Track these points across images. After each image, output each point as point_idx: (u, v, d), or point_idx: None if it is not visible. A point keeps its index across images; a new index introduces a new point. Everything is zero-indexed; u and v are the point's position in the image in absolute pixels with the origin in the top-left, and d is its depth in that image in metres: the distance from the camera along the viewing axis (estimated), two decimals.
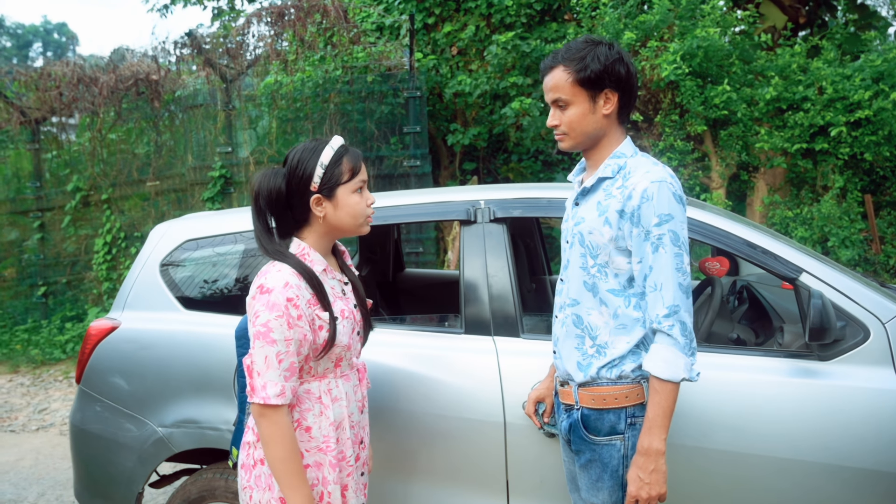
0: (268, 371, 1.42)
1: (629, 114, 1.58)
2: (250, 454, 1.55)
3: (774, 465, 1.72)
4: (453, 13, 6.52)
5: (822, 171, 4.96)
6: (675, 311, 1.43)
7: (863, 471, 1.69)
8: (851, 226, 4.72)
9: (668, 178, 1.48)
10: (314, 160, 1.50)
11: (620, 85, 1.51)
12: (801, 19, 6.57)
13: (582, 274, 1.58)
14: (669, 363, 1.42)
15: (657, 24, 5.18)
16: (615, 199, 1.51)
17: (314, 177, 1.50)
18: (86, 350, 2.40)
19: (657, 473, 1.43)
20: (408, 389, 1.97)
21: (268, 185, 1.51)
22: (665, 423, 1.43)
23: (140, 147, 6.47)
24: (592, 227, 1.54)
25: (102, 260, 6.33)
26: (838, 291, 1.77)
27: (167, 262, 2.41)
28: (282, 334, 1.42)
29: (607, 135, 1.55)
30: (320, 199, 1.52)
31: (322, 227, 1.55)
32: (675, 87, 5.09)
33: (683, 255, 1.47)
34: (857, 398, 1.72)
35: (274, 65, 5.95)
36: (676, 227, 1.46)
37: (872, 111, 4.61)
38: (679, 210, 1.47)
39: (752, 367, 1.81)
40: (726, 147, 5.16)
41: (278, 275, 1.45)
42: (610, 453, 1.54)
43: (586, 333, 1.56)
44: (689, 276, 1.47)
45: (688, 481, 1.76)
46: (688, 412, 1.76)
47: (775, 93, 4.82)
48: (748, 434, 1.74)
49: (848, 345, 1.76)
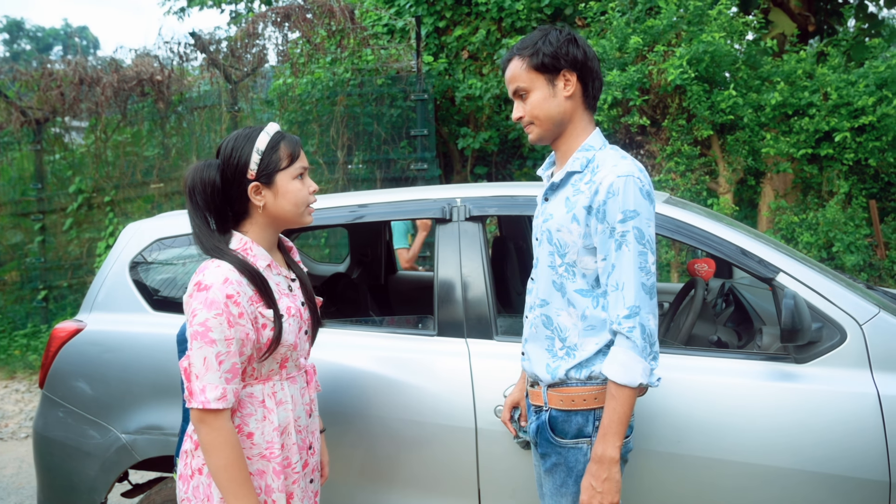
0: (207, 373, 1.35)
1: (595, 99, 1.56)
2: (188, 464, 1.49)
3: (749, 470, 1.77)
4: (464, 17, 6.64)
5: (827, 176, 5.01)
6: (635, 313, 1.41)
7: (839, 477, 1.73)
8: (857, 231, 4.76)
9: (635, 172, 1.47)
10: (249, 146, 1.46)
11: (577, 65, 1.51)
12: (810, 27, 6.60)
13: (550, 273, 1.57)
14: (627, 367, 1.40)
15: (665, 30, 5.28)
16: (583, 194, 1.50)
17: (250, 163, 1.45)
18: (49, 353, 2.37)
19: (610, 482, 1.42)
20: (378, 394, 1.99)
21: (202, 178, 1.44)
22: (620, 431, 1.42)
23: (149, 150, 6.53)
24: (560, 224, 1.53)
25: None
26: (815, 292, 1.82)
27: (136, 262, 2.40)
28: (221, 334, 1.35)
29: (573, 121, 1.54)
30: (259, 188, 1.47)
31: (263, 218, 1.49)
32: (682, 91, 5.17)
33: (648, 254, 1.45)
34: (833, 402, 1.75)
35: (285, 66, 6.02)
36: (642, 224, 1.44)
37: (876, 117, 4.68)
38: (646, 206, 1.45)
39: (730, 371, 1.85)
40: (733, 152, 5.22)
41: (217, 270, 1.39)
42: (576, 457, 1.53)
43: (556, 335, 1.56)
44: (653, 276, 1.45)
45: (664, 487, 1.83)
46: (664, 417, 1.83)
47: (781, 98, 4.90)
48: (722, 439, 1.78)
49: (824, 347, 1.80)
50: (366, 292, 3.15)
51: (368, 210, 2.27)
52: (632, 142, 5.83)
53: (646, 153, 5.73)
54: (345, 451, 2.02)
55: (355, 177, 5.96)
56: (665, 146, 5.47)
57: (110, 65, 5.89)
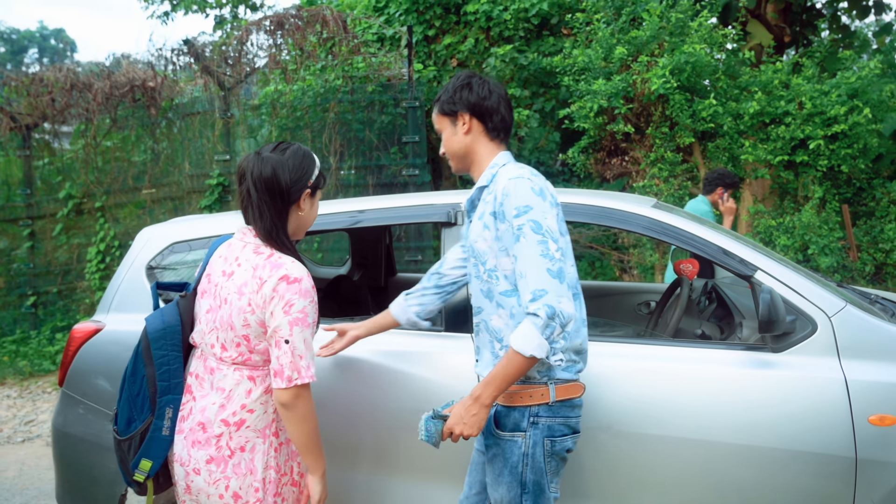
0: (307, 353, 1.60)
1: (500, 130, 1.78)
2: (223, 445, 1.65)
3: (730, 450, 1.94)
4: (453, 26, 6.85)
5: (802, 182, 5.28)
6: (540, 295, 1.54)
7: (812, 454, 1.92)
8: (830, 234, 5.03)
9: (526, 174, 1.67)
10: (311, 159, 1.70)
11: (470, 106, 1.75)
12: (786, 38, 6.91)
13: (478, 283, 1.77)
14: (524, 338, 1.54)
15: (648, 40, 5.51)
16: (489, 203, 1.71)
17: (313, 173, 1.69)
18: (69, 352, 2.47)
19: (476, 419, 1.62)
20: (389, 386, 2.14)
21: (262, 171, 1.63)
22: (502, 385, 1.60)
23: (137, 155, 6.60)
24: (476, 235, 1.74)
25: (95, 269, 6.50)
26: (789, 287, 2.02)
27: (153, 265, 2.52)
28: (313, 318, 1.61)
29: (477, 151, 1.79)
30: (309, 195, 1.69)
31: (292, 225, 1.70)
32: (665, 100, 5.40)
33: (549, 242, 1.59)
34: (806, 387, 1.95)
35: (275, 73, 6.15)
36: (536, 216, 1.60)
37: (848, 126, 4.95)
38: (538, 201, 1.62)
39: (713, 360, 2.04)
40: (714, 158, 5.47)
41: (297, 265, 1.62)
42: (511, 449, 1.68)
43: (493, 337, 1.74)
44: (559, 262, 1.59)
45: (655, 466, 1.99)
46: (654, 402, 2.00)
47: (759, 107, 5.15)
48: (707, 422, 1.96)
49: (798, 337, 1.99)
50: (367, 293, 3.31)
51: (376, 215, 2.43)
52: (617, 148, 6.07)
53: (630, 159, 5.97)
54: (357, 440, 2.18)
55: (347, 182, 6.11)
56: (649, 153, 5.72)
57: (102, 71, 5.96)
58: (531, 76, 6.60)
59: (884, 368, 1.95)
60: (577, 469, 2.03)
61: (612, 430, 2.01)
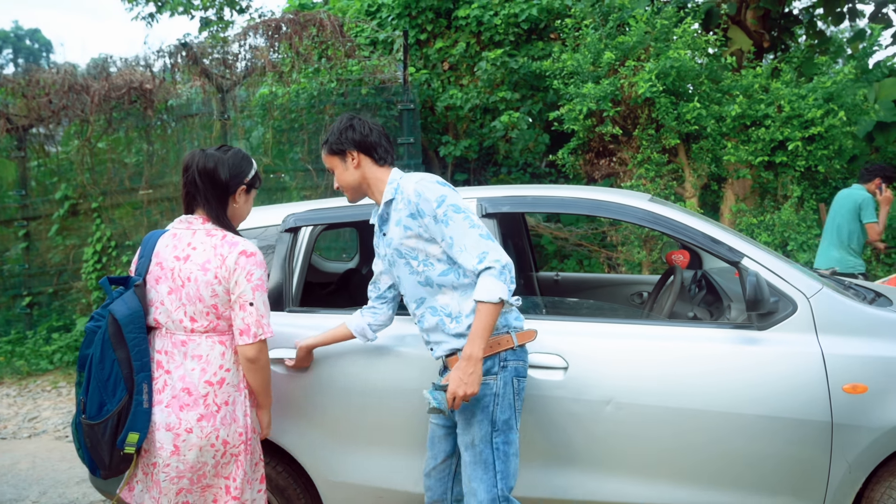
0: (267, 313, 1.96)
1: (384, 157, 2.09)
2: (210, 403, 1.94)
3: (721, 419, 2.17)
4: (444, 30, 7.06)
5: (781, 181, 5.57)
6: (484, 255, 1.89)
7: (793, 419, 2.16)
8: (808, 231, 5.32)
9: (426, 176, 2.01)
10: (248, 161, 2.05)
11: (356, 144, 2.06)
12: (765, 43, 7.24)
13: (414, 278, 2.04)
14: (489, 289, 1.87)
15: (634, 46, 5.78)
16: (403, 210, 2.00)
17: (249, 173, 2.03)
18: None
19: (474, 376, 1.89)
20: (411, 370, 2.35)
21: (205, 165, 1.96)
22: (485, 336, 1.89)
23: (131, 156, 6.70)
24: (400, 238, 2.02)
25: (92, 269, 6.57)
26: (772, 272, 2.26)
27: None
28: (268, 285, 1.96)
29: (369, 178, 2.08)
30: (244, 191, 2.03)
31: (228, 215, 2.02)
32: (651, 103, 5.67)
33: (470, 216, 1.94)
34: (787, 360, 2.19)
35: (268, 76, 6.31)
36: (453, 200, 1.95)
37: (824, 128, 5.25)
38: (448, 190, 1.97)
39: (705, 338, 2.27)
40: (698, 159, 5.74)
41: (248, 242, 1.97)
42: (484, 391, 1.96)
43: (442, 315, 2.01)
44: (483, 228, 1.94)
45: (653, 435, 2.21)
46: (651, 377, 2.23)
47: (740, 110, 5.43)
48: (699, 393, 2.19)
49: (780, 316, 2.23)
50: None
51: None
52: (605, 149, 6.34)
53: (618, 160, 6.24)
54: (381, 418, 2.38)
55: None
56: (636, 154, 5.99)
57: (100, 73, 6.07)
58: (521, 79, 6.84)
59: (856, 343, 2.20)
60: (583, 438, 2.25)
61: (614, 402, 2.23)
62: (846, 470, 2.15)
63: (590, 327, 2.36)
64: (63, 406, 5.23)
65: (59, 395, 5.44)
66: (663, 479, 2.23)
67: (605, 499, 2.26)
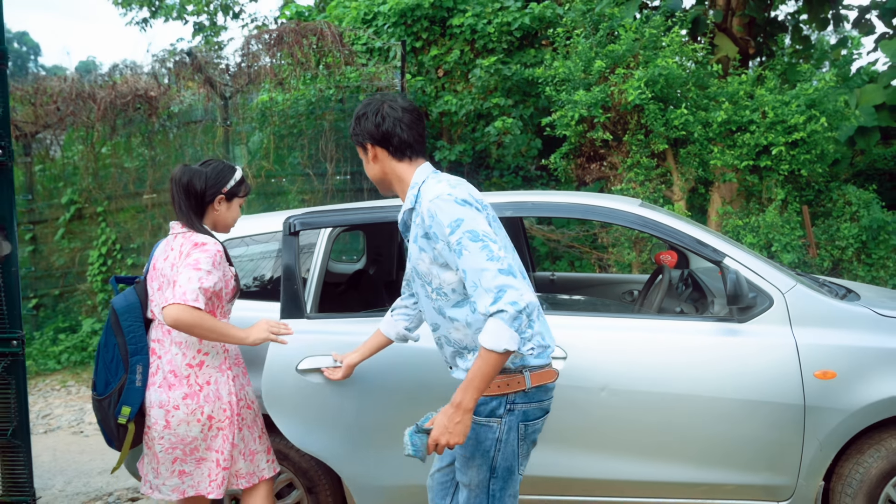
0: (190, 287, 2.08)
1: (403, 149, 1.84)
2: (193, 383, 2.18)
3: (705, 402, 2.41)
4: (439, 38, 7.29)
5: (766, 185, 5.85)
6: (500, 296, 1.59)
7: (769, 403, 2.40)
8: (792, 233, 5.59)
9: (445, 190, 1.72)
10: (228, 173, 2.30)
11: (372, 136, 1.84)
12: (750, 50, 7.53)
13: (429, 302, 1.86)
14: (495, 335, 1.59)
15: (624, 54, 6.03)
16: (419, 226, 1.79)
17: (228, 183, 2.29)
18: None
19: (460, 426, 1.66)
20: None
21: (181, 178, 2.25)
22: (481, 386, 1.64)
23: (129, 161, 6.90)
24: (416, 258, 1.82)
25: (97, 271, 6.75)
26: (751, 270, 2.51)
27: None
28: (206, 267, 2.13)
29: (389, 173, 1.87)
30: (223, 200, 2.29)
31: (209, 220, 2.30)
32: (641, 109, 5.93)
33: (490, 245, 1.64)
34: (765, 349, 2.44)
35: (265, 82, 6.52)
36: (470, 226, 1.66)
37: (806, 133, 5.53)
38: (465, 211, 1.68)
39: (690, 330, 2.52)
40: (685, 164, 6.01)
41: (205, 236, 2.22)
42: (486, 434, 1.77)
43: (457, 347, 1.85)
44: (507, 259, 1.64)
45: (646, 418, 2.44)
46: (644, 366, 2.46)
47: (726, 116, 5.70)
48: (686, 380, 2.43)
49: (758, 310, 2.48)
50: (381, 286, 3.73)
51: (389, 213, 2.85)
52: (596, 154, 6.60)
53: (608, 164, 6.50)
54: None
55: (343, 188, 6.51)
56: (626, 158, 6.25)
57: (106, 81, 6.27)
58: (514, 86, 7.09)
59: (826, 334, 2.45)
60: (580, 423, 2.48)
61: (608, 389, 2.47)
62: (817, 448, 2.40)
63: (586, 321, 2.59)
64: (74, 404, 5.41)
65: (69, 394, 5.63)
66: (653, 459, 2.47)
67: (601, 476, 2.50)
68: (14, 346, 2.36)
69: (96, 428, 5.13)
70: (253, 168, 6.64)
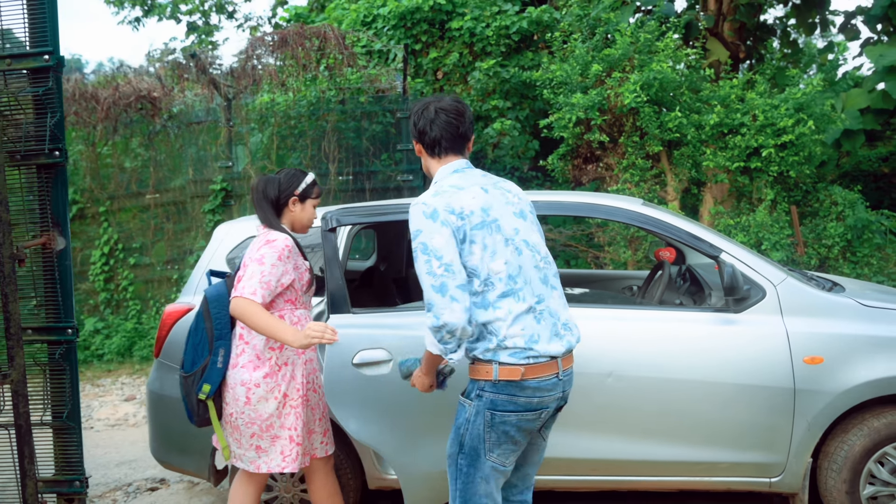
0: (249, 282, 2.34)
1: (433, 146, 2.08)
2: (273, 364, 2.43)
3: (703, 386, 2.64)
4: (438, 40, 7.48)
5: (756, 185, 6.12)
6: (429, 308, 1.92)
7: (762, 387, 2.63)
8: (781, 232, 5.86)
9: (422, 199, 1.99)
10: (299, 177, 2.57)
11: (415, 133, 2.13)
12: (741, 54, 7.81)
13: None
14: (427, 339, 2.00)
15: (620, 58, 6.26)
16: None
17: (299, 186, 2.55)
18: (164, 329, 3.12)
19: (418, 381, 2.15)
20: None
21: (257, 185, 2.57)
22: (424, 366, 2.09)
23: (131, 161, 7.02)
24: None
25: (100, 270, 6.85)
26: (745, 264, 2.74)
27: (233, 255, 3.17)
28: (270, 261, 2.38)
29: (426, 166, 2.17)
30: (297, 201, 2.54)
31: (287, 221, 2.56)
32: (636, 112, 6.18)
33: (432, 261, 1.92)
34: (758, 337, 2.67)
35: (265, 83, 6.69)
36: (425, 238, 1.94)
37: (795, 136, 5.80)
38: (427, 224, 1.94)
39: (690, 319, 2.75)
40: (679, 165, 6.27)
41: (277, 233, 2.47)
42: (461, 411, 2.05)
43: None
44: (442, 277, 1.90)
45: (649, 400, 2.66)
46: (647, 352, 2.69)
47: (718, 119, 5.96)
48: (686, 365, 2.65)
49: (752, 301, 2.71)
50: (391, 283, 3.93)
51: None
52: (592, 155, 6.83)
53: (604, 166, 6.74)
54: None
55: (344, 188, 6.70)
56: (621, 160, 6.49)
57: (110, 82, 6.41)
58: (512, 88, 7.32)
59: (814, 322, 2.69)
60: (588, 406, 2.69)
61: (614, 375, 2.68)
62: (806, 428, 2.64)
63: (592, 312, 2.81)
64: (84, 401, 5.55)
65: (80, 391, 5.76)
66: (656, 440, 2.70)
67: (606, 457, 2.72)
68: (69, 334, 2.54)
69: (105, 423, 5.28)
70: (255, 169, 6.80)
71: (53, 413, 2.58)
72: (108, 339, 6.77)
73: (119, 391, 6.12)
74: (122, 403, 5.80)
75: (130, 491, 3.91)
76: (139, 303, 6.95)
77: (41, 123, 2.50)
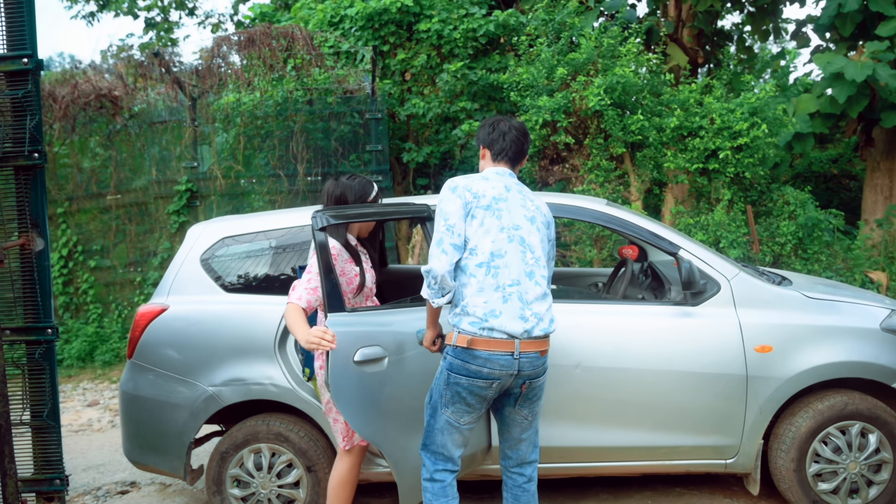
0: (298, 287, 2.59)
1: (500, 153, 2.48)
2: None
3: (661, 375, 2.88)
4: (406, 42, 7.62)
5: (714, 186, 6.44)
6: (429, 258, 2.33)
7: (716, 374, 2.88)
8: (738, 230, 6.19)
9: (454, 180, 2.42)
10: (370, 185, 2.82)
11: (481, 140, 2.55)
12: (699, 59, 8.16)
13: None
14: (425, 291, 2.34)
15: (584, 62, 6.51)
16: None
17: (370, 194, 2.80)
18: (137, 330, 3.11)
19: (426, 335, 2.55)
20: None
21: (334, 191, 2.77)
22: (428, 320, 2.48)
23: (89, 161, 6.95)
24: None
25: (58, 273, 6.77)
26: (701, 260, 2.98)
27: (207, 256, 3.22)
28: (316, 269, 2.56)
29: (482, 168, 2.57)
30: None
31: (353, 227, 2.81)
32: (600, 115, 6.44)
33: (440, 220, 2.34)
34: (713, 328, 2.91)
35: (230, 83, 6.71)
36: (442, 206, 2.36)
37: (750, 139, 6.13)
38: (447, 194, 2.37)
39: (650, 312, 2.98)
40: (641, 166, 6.55)
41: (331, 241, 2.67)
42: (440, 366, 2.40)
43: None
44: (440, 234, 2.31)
45: (609, 390, 2.88)
46: (607, 344, 2.91)
47: (678, 122, 6.26)
48: (645, 356, 2.89)
49: (708, 295, 2.96)
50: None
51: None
52: (558, 156, 7.08)
53: (570, 167, 6.99)
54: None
55: (313, 189, 6.78)
56: (586, 161, 6.75)
57: (67, 80, 6.35)
58: (480, 90, 7.51)
59: (764, 314, 2.94)
60: (557, 396, 2.89)
61: (581, 366, 2.88)
62: (758, 412, 2.88)
63: (561, 307, 2.98)
64: None
65: None
66: (621, 427, 2.91)
67: (575, 444, 2.92)
68: (48, 334, 2.60)
69: (69, 429, 5.26)
70: (221, 169, 6.81)
71: (33, 412, 2.64)
72: (68, 344, 6.69)
73: (81, 397, 6.08)
74: (85, 409, 5.77)
75: (100, 495, 3.93)
76: (100, 306, 6.89)
77: (20, 126, 2.56)
